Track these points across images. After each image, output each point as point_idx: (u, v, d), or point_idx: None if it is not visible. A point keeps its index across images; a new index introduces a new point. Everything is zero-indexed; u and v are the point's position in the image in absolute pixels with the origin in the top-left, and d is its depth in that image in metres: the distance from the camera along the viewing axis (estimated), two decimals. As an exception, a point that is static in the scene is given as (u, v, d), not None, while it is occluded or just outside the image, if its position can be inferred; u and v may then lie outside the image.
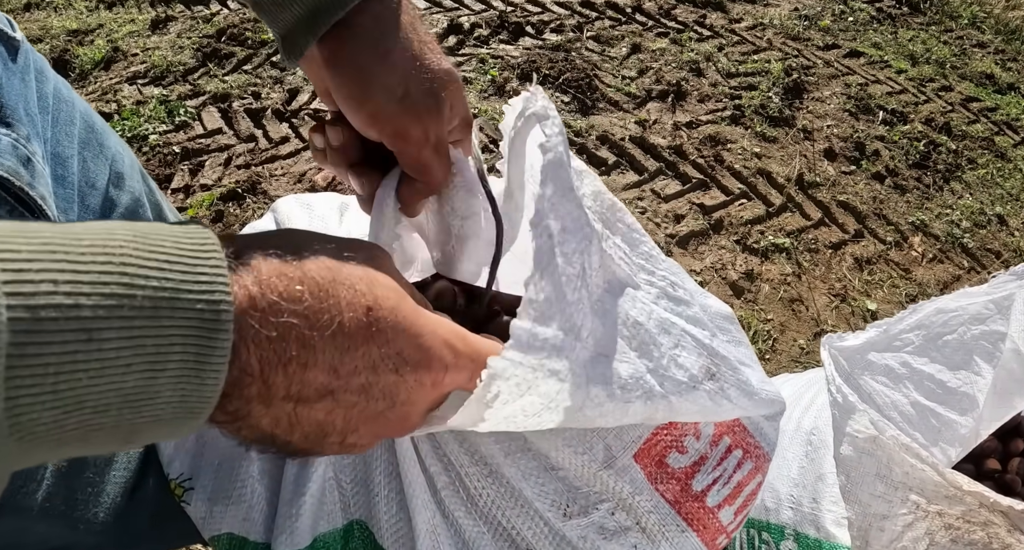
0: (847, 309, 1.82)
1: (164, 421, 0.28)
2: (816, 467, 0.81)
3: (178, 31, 2.74)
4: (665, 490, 0.48)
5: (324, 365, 0.32)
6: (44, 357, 0.24)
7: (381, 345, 0.34)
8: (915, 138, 2.44)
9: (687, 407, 0.41)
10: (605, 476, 0.47)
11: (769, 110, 2.47)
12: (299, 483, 0.51)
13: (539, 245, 0.35)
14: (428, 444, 0.49)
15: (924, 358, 0.74)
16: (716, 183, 2.16)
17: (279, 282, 0.31)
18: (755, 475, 0.52)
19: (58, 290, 0.24)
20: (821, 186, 2.19)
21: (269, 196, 2.03)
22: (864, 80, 2.76)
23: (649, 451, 0.48)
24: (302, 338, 0.31)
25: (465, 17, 2.92)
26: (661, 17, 3.06)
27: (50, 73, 0.63)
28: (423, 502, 0.49)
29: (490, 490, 0.48)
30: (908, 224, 2.11)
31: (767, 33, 3.03)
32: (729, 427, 0.51)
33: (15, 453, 0.25)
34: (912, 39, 3.13)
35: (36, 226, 0.27)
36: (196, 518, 0.55)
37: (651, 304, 0.43)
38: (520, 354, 0.33)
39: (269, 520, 0.52)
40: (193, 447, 0.57)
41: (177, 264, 0.28)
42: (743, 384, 0.46)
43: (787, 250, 1.94)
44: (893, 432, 0.65)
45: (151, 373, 0.27)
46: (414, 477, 0.49)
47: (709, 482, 0.50)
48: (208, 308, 0.28)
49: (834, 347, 0.75)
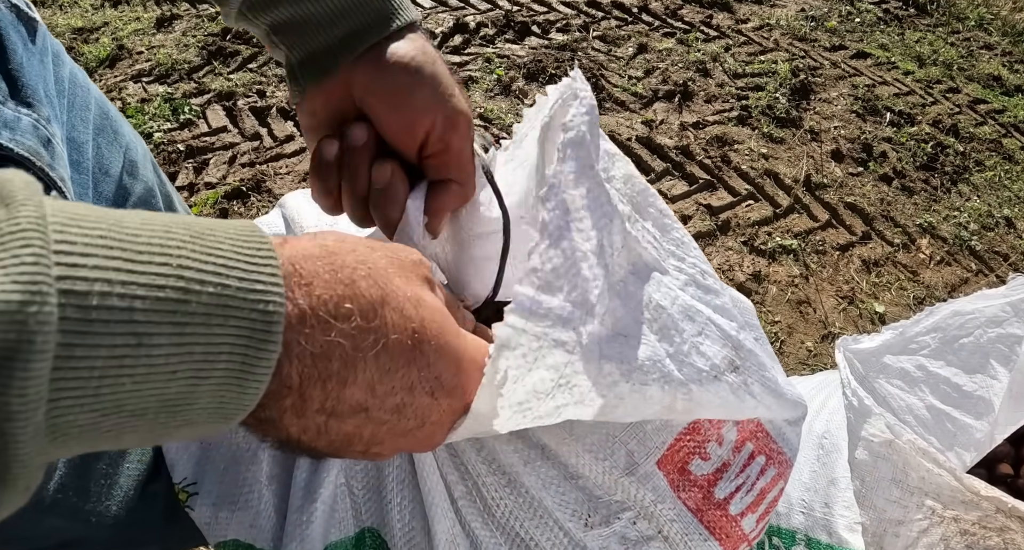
0: (855, 311, 1.81)
1: (196, 424, 0.28)
2: (828, 471, 0.79)
3: (183, 29, 2.74)
4: (687, 498, 0.47)
5: (363, 384, 0.32)
6: (91, 360, 0.23)
7: (421, 368, 0.33)
8: (923, 140, 2.42)
9: (708, 398, 0.39)
10: (627, 483, 0.45)
11: (776, 111, 2.46)
12: (311, 489, 0.50)
13: (551, 218, 0.34)
14: (445, 453, 0.48)
15: (940, 361, 0.73)
16: (723, 184, 2.14)
17: (330, 300, 0.30)
18: (778, 481, 0.51)
19: (112, 291, 0.23)
20: (828, 187, 2.18)
21: (274, 194, 2.02)
22: (871, 81, 2.75)
23: (672, 458, 0.46)
24: (345, 357, 0.31)
25: (471, 16, 2.91)
26: (667, 17, 3.05)
27: (66, 58, 0.62)
28: (443, 511, 0.48)
29: (508, 500, 0.46)
30: (916, 226, 2.10)
31: (774, 34, 3.01)
32: (752, 433, 0.50)
33: (48, 451, 0.24)
34: (919, 41, 3.11)
35: (92, 214, 0.25)
36: (201, 523, 0.53)
37: (677, 290, 0.42)
38: (522, 320, 0.32)
39: (277, 527, 0.51)
40: (197, 451, 0.56)
41: (235, 270, 0.27)
42: (768, 381, 0.45)
43: (794, 252, 1.93)
44: (910, 436, 0.64)
45: (195, 380, 0.26)
46: (433, 485, 0.48)
47: (732, 490, 0.49)
48: (260, 319, 0.27)
49: (849, 349, 0.74)
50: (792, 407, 0.49)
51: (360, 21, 0.46)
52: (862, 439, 0.66)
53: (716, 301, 0.45)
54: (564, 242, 0.34)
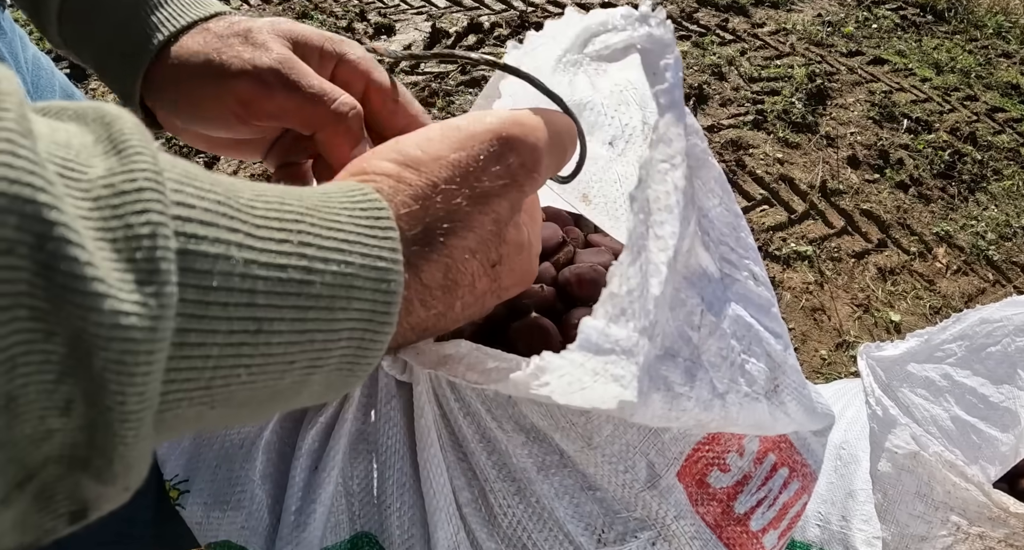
0: (870, 320, 1.78)
1: (295, 404, 0.26)
2: (846, 483, 0.77)
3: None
4: (705, 513, 0.44)
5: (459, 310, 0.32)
6: (207, 348, 0.20)
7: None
8: (940, 147, 2.39)
9: (744, 418, 0.37)
10: (648, 497, 0.43)
11: (792, 116, 2.43)
12: (310, 489, 0.48)
13: (635, 225, 0.30)
14: (453, 456, 0.46)
15: (967, 370, 0.71)
16: (737, 188, 2.12)
17: (432, 282, 0.29)
18: (801, 495, 0.49)
19: (233, 271, 0.20)
20: (844, 194, 2.15)
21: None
22: (888, 88, 2.72)
23: (690, 469, 0.44)
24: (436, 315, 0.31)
25: (485, 17, 2.90)
26: (683, 20, 3.03)
27: (29, 43, 0.62)
28: (446, 517, 0.45)
29: (516, 509, 0.44)
30: (932, 235, 2.07)
31: (790, 38, 2.99)
32: (775, 443, 0.48)
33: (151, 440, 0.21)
34: (937, 48, 3.08)
35: (203, 175, 0.22)
36: (192, 523, 0.51)
37: (730, 302, 0.38)
38: (583, 356, 0.28)
39: (271, 529, 0.49)
40: (189, 447, 0.54)
41: (356, 245, 0.24)
42: (804, 398, 0.42)
43: (809, 258, 1.90)
44: (937, 448, 0.61)
45: (310, 369, 0.24)
46: (438, 489, 0.46)
47: (753, 504, 0.46)
48: (382, 299, 0.25)
49: (872, 357, 0.71)
50: (821, 419, 0.47)
51: (125, 45, 0.40)
52: (886, 450, 0.64)
53: (765, 318, 0.42)
54: (642, 255, 0.30)
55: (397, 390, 0.48)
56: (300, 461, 0.49)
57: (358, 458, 0.49)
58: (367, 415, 0.49)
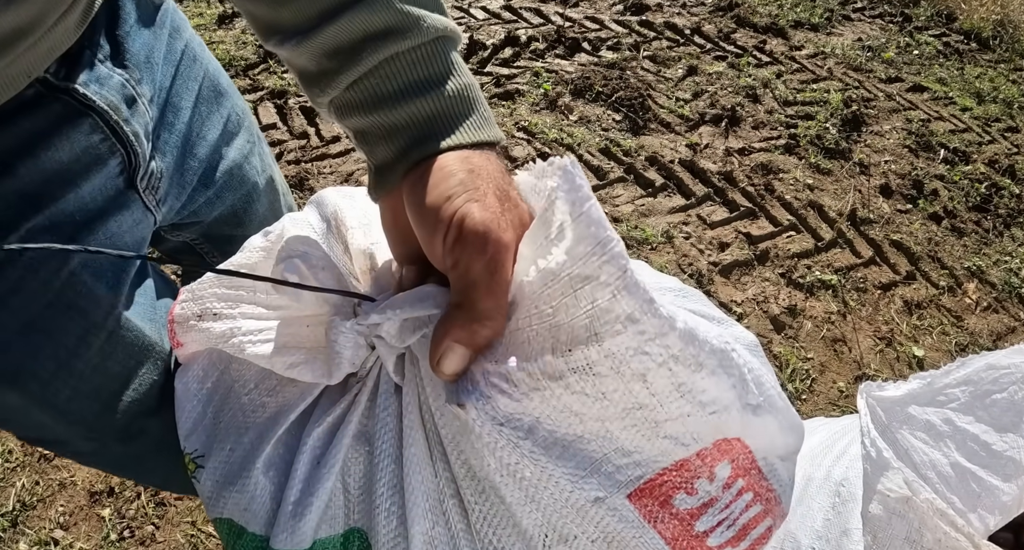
0: (892, 354, 1.75)
1: None
2: (843, 521, 0.77)
3: (243, 27, 2.81)
4: (664, 529, 0.46)
5: None
6: None
7: None
8: (977, 179, 2.35)
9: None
10: (594, 511, 0.45)
11: (825, 141, 2.41)
12: (310, 483, 0.51)
13: None
14: (439, 450, 0.49)
15: (969, 416, 0.70)
16: (765, 213, 2.11)
17: None
18: (763, 518, 0.50)
19: None
20: (874, 223, 2.13)
21: (315, 193, 2.05)
22: (926, 116, 2.68)
23: (651, 491, 0.46)
24: None
25: (523, 30, 2.92)
26: (720, 41, 3.03)
27: (186, 33, 0.68)
28: (423, 511, 0.48)
29: (483, 506, 0.47)
30: (963, 269, 2.03)
31: (828, 62, 2.96)
32: (746, 470, 0.49)
33: None
34: (979, 76, 3.02)
35: None
36: (203, 496, 0.55)
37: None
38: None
39: (271, 514, 0.52)
40: (210, 426, 0.58)
41: None
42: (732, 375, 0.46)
43: (834, 287, 1.88)
44: (928, 495, 0.61)
45: None
46: (417, 484, 0.48)
47: (714, 524, 0.47)
48: None
49: (872, 396, 0.71)
50: (791, 431, 0.49)
51: (417, 135, 0.45)
52: (878, 493, 0.64)
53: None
54: None
55: (394, 395, 0.51)
56: (304, 455, 0.52)
57: (357, 458, 0.52)
58: (369, 418, 0.52)
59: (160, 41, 0.63)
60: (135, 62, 0.58)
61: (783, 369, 1.66)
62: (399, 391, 0.51)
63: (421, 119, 0.45)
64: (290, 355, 0.51)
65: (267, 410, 0.55)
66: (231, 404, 0.57)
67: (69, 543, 1.28)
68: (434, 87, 0.45)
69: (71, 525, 1.32)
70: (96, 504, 1.35)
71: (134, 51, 0.58)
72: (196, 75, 0.69)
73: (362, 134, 0.48)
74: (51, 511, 1.33)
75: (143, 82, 0.59)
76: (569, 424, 0.43)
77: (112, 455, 0.66)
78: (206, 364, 0.59)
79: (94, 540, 1.29)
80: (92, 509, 1.33)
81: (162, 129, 0.64)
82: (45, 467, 1.40)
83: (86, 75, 0.53)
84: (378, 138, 0.47)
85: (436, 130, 0.45)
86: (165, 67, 0.64)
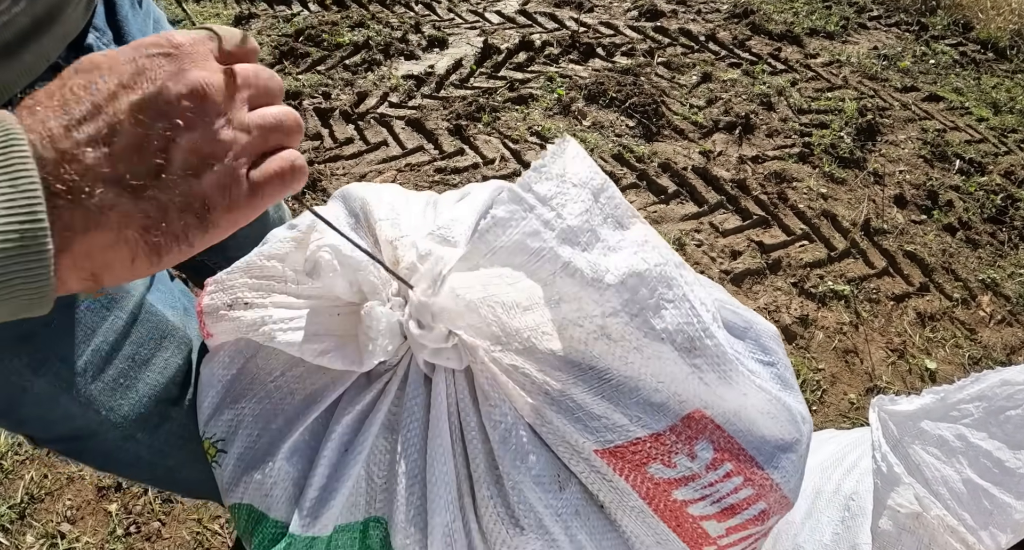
0: (904, 366, 1.73)
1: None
2: (851, 535, 0.76)
3: (259, 28, 2.83)
4: (637, 486, 0.48)
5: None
6: None
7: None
8: (992, 191, 2.32)
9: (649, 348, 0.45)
10: (575, 463, 0.50)
11: (839, 150, 2.39)
12: (338, 468, 0.51)
13: None
14: (459, 446, 0.50)
15: (983, 432, 0.69)
16: (777, 221, 2.10)
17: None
18: (755, 501, 0.50)
19: None
20: (888, 233, 2.11)
21: (328, 194, 2.06)
22: (942, 126, 2.66)
23: (622, 454, 0.48)
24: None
25: (537, 35, 2.93)
26: (735, 48, 3.02)
27: (165, 24, 0.69)
28: (444, 503, 0.49)
29: (495, 500, 0.49)
30: (978, 281, 2.01)
31: (843, 71, 2.95)
32: (732, 454, 0.50)
33: None
34: (996, 86, 3.00)
35: None
36: (221, 482, 0.55)
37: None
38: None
39: (292, 500, 0.52)
40: (233, 412, 0.58)
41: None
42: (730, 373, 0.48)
43: (846, 298, 1.87)
44: (939, 511, 0.60)
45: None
46: (440, 476, 0.49)
47: (695, 497, 0.49)
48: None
49: (884, 410, 0.70)
50: (788, 421, 0.51)
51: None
52: (888, 508, 0.63)
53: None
54: None
55: (423, 386, 0.52)
56: (332, 442, 0.52)
57: (383, 446, 0.52)
58: (398, 407, 0.53)
59: (148, 29, 0.64)
60: None
61: (793, 379, 1.65)
62: (428, 382, 0.52)
63: None
64: (320, 342, 0.52)
65: (295, 397, 0.55)
66: (255, 391, 0.57)
67: (76, 537, 1.29)
68: None
69: (78, 519, 1.32)
70: (103, 499, 1.35)
71: (133, 35, 0.59)
72: None
73: None
74: (59, 505, 1.34)
75: None
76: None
77: (137, 449, 0.66)
78: (232, 351, 0.59)
79: (100, 535, 1.30)
80: (99, 504, 1.34)
81: None
82: (54, 461, 1.40)
83: None
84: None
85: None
86: None
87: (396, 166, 2.18)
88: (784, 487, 0.53)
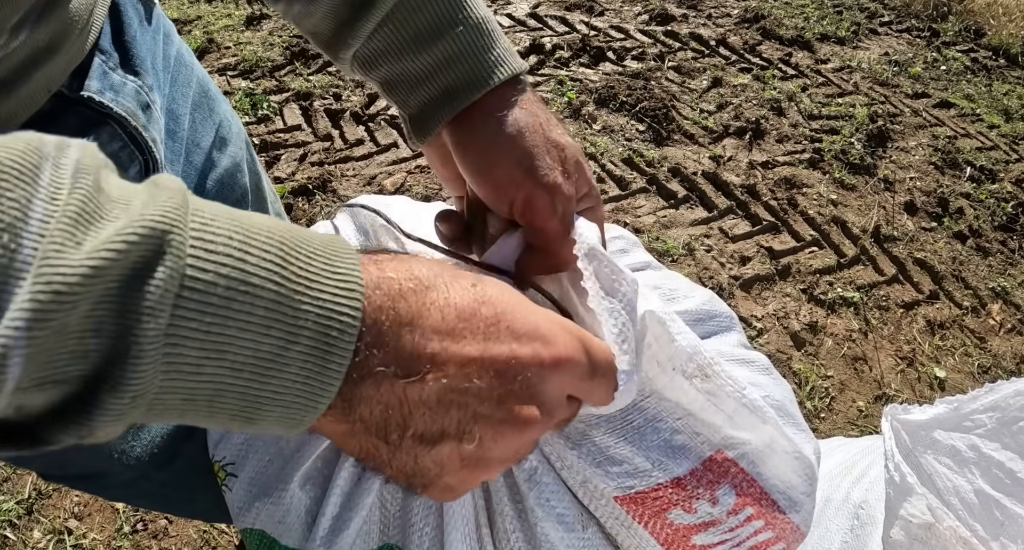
0: (913, 374, 1.73)
1: (284, 404, 0.29)
2: (861, 544, 0.76)
3: (270, 29, 2.84)
4: (656, 532, 0.48)
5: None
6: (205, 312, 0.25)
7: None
8: (1003, 198, 2.31)
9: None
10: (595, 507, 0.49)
11: (850, 156, 2.39)
12: (351, 497, 0.51)
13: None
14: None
15: (996, 443, 0.69)
16: (787, 227, 2.09)
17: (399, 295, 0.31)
18: (775, 543, 0.50)
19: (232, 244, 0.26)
20: (898, 241, 2.10)
21: (338, 195, 2.06)
22: (953, 133, 2.65)
23: (642, 500, 0.47)
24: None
25: (547, 38, 2.93)
26: (746, 52, 3.01)
27: (176, 38, 0.67)
28: (461, 535, 0.48)
29: (516, 535, 0.47)
30: (988, 290, 2.00)
31: (854, 76, 2.94)
32: (756, 499, 0.49)
33: (139, 409, 0.26)
34: (1008, 93, 2.98)
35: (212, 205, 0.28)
36: (233, 506, 0.54)
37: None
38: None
39: (305, 528, 0.51)
40: (243, 438, 0.57)
41: (321, 254, 0.29)
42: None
43: (856, 305, 1.86)
44: (951, 522, 0.60)
45: (285, 341, 0.27)
46: (458, 507, 0.48)
47: (715, 542, 0.48)
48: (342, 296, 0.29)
49: (897, 419, 0.70)
50: (802, 459, 0.50)
51: (452, 80, 0.45)
52: (900, 518, 0.63)
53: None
54: None
55: None
56: (346, 470, 0.51)
57: None
58: None
59: (157, 46, 0.63)
60: (144, 68, 0.58)
61: (802, 386, 1.65)
62: None
63: (446, 61, 0.45)
64: None
65: None
66: None
67: (83, 533, 1.30)
68: (451, 26, 0.45)
69: (85, 516, 1.33)
70: (112, 497, 1.36)
71: (141, 56, 0.58)
72: (189, 81, 0.68)
73: (391, 84, 0.48)
74: (66, 501, 1.34)
75: (154, 88, 0.59)
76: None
77: (150, 485, 0.66)
78: None
79: (107, 531, 1.31)
80: (107, 501, 1.35)
81: (168, 138, 0.63)
82: (63, 458, 1.41)
83: (100, 83, 0.52)
84: (409, 87, 0.47)
85: (464, 76, 0.45)
86: (164, 73, 0.63)
87: (406, 168, 2.18)
88: (803, 526, 0.53)
